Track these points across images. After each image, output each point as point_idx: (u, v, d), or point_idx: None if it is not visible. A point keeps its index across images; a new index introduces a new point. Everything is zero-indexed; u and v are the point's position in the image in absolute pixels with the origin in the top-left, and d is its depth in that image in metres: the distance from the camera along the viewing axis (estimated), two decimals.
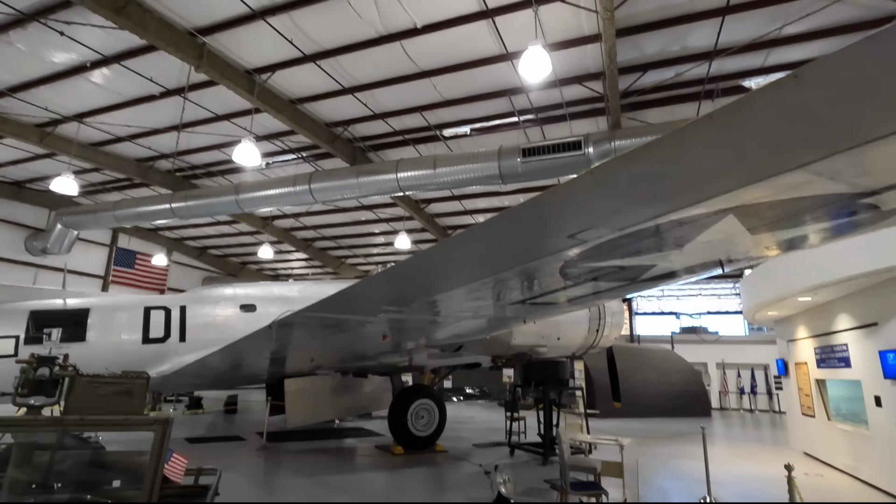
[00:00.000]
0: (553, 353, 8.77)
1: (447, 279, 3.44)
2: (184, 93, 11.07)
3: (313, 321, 4.45)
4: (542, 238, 2.66)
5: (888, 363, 6.74)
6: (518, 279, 3.26)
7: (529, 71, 8.07)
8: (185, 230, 23.00)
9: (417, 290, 3.72)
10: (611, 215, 2.29)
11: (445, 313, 4.38)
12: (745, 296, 11.33)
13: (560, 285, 3.40)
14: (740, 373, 24.11)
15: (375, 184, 12.79)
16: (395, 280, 3.85)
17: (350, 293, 4.25)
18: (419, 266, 3.61)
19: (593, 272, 3.09)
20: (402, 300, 4.01)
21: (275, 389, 11.15)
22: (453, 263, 3.13)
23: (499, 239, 2.75)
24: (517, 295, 3.70)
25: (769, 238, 2.56)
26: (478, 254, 2.93)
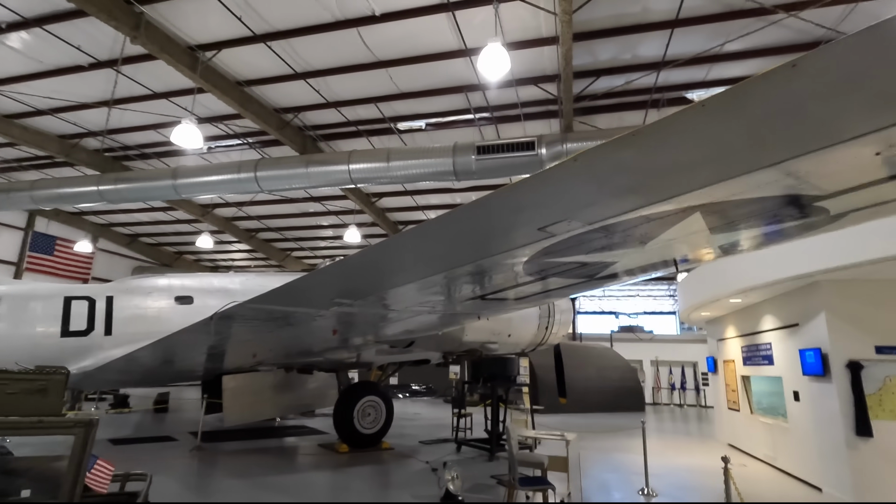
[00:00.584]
0: (503, 350, 8.85)
1: (407, 272, 3.30)
2: (117, 65, 10.19)
3: (259, 314, 4.14)
4: (511, 230, 2.59)
5: (807, 361, 7.31)
6: (480, 273, 3.18)
7: (488, 68, 8.08)
8: (114, 215, 21.33)
9: (374, 282, 3.52)
10: (586, 207, 2.25)
11: (401, 308, 4.23)
12: (682, 297, 11.96)
13: (521, 281, 3.37)
14: (672, 370, 25.57)
15: (326, 174, 12.40)
16: (349, 271, 3.68)
17: (300, 284, 3.97)
18: (377, 257, 3.44)
19: (555, 268, 3.08)
20: (357, 293, 3.80)
21: (211, 387, 10.54)
22: (415, 255, 2.99)
23: (465, 230, 2.65)
24: (476, 290, 3.63)
25: (725, 238, 2.65)
26: (441, 245, 2.81)
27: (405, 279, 3.45)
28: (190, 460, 8.35)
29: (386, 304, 4.05)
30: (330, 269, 3.93)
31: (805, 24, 8.59)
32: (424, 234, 2.79)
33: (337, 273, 3.96)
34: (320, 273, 3.86)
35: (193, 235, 21.60)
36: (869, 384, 6.64)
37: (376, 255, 3.32)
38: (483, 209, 2.46)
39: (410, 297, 3.87)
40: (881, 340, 6.72)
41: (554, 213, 2.34)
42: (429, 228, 2.65)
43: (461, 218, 2.59)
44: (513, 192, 2.31)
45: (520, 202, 2.36)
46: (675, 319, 34.38)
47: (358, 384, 9.76)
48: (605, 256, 2.87)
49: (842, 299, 6.99)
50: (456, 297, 3.84)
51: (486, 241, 2.72)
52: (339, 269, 3.92)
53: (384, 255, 3.37)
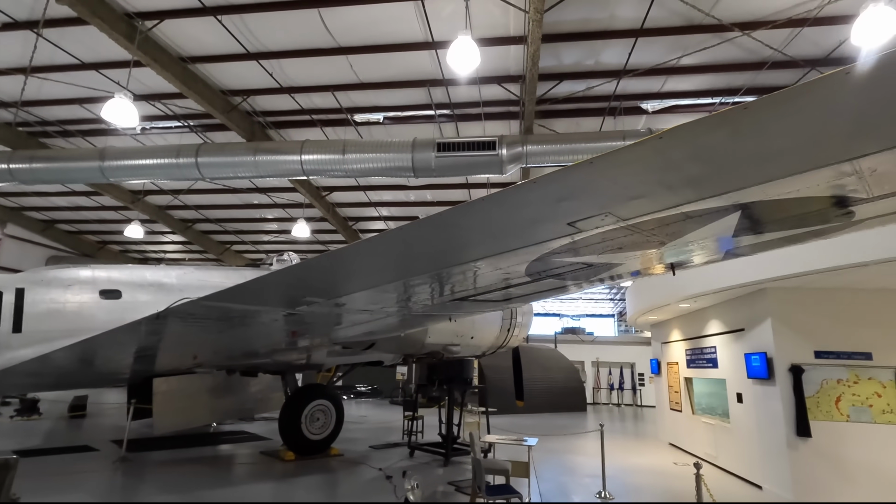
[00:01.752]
0: (465, 352, 8.65)
1: (403, 268, 2.97)
2: (37, 28, 9.01)
3: (214, 312, 3.63)
4: (538, 223, 2.33)
5: (752, 364, 7.65)
6: (481, 272, 2.91)
7: (456, 62, 7.84)
8: (27, 198, 19.12)
9: (359, 280, 3.15)
10: (630, 200, 2.04)
11: (379, 308, 3.86)
12: (631, 301, 12.29)
13: (517, 281, 3.13)
14: (611, 371, 26.55)
15: (276, 164, 11.67)
16: (330, 267, 3.23)
17: (271, 280, 3.41)
18: (369, 252, 3.00)
19: (559, 268, 2.88)
20: (334, 291, 3.41)
21: (140, 390, 9.59)
22: (415, 250, 2.68)
23: (484, 222, 2.37)
24: (470, 290, 3.35)
25: (745, 241, 2.56)
26: (450, 240, 2.53)
27: (398, 276, 3.09)
28: (112, 474, 7.48)
29: (365, 304, 3.67)
30: (309, 264, 3.46)
31: (755, 44, 9.04)
32: (433, 226, 2.47)
33: (316, 269, 3.43)
34: (295, 269, 3.39)
35: (121, 224, 19.82)
36: (808, 387, 7.03)
37: (368, 249, 2.95)
38: (512, 199, 2.17)
39: (394, 297, 3.52)
40: (820, 345, 7.14)
41: (590, 205, 2.11)
42: (439, 221, 2.36)
43: (481, 209, 2.29)
44: (546, 182, 2.05)
45: (553, 193, 2.10)
46: (613, 322, 35.90)
47: (306, 387, 9.20)
48: (616, 257, 2.70)
49: (786, 306, 7.37)
50: (444, 296, 3.54)
51: (506, 235, 2.46)
52: (319, 265, 3.42)
53: (378, 249, 2.97)
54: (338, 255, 2.83)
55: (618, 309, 34.29)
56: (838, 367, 7.04)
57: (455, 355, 8.54)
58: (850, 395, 6.92)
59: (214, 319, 3.85)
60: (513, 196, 2.17)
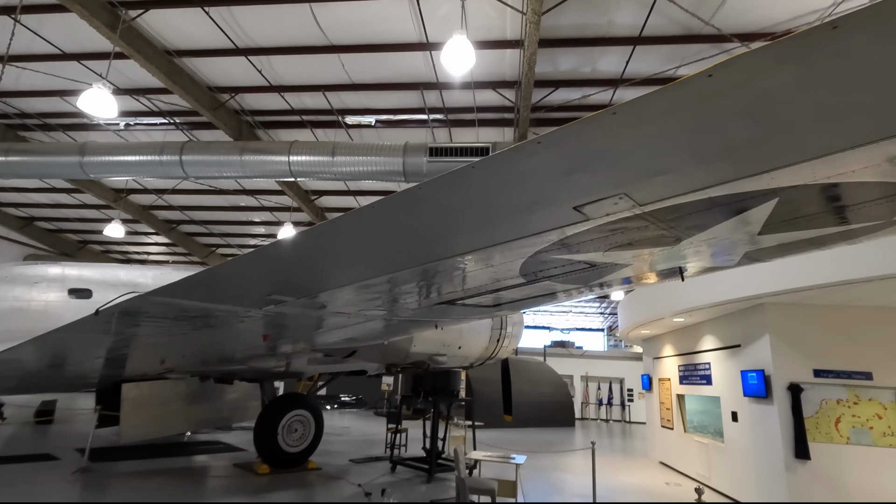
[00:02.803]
0: (452, 363, 8.30)
1: (381, 260, 2.60)
2: (15, 13, 8.64)
3: (167, 311, 3.22)
4: (537, 207, 2.00)
5: (748, 382, 7.38)
6: (471, 270, 2.57)
7: (451, 62, 7.60)
8: (5, 194, 18.51)
9: (331, 273, 2.72)
10: (652, 177, 1.71)
11: (358, 309, 3.49)
12: (623, 315, 12.03)
13: (510, 283, 2.81)
14: (600, 385, 26.25)
15: (263, 164, 11.37)
16: (296, 255, 2.74)
17: (224, 272, 2.92)
18: (340, 235, 2.49)
19: (557, 268, 2.57)
20: (303, 287, 2.97)
21: (108, 396, 9.09)
22: (393, 236, 2.32)
23: (473, 201, 2.01)
24: (458, 290, 3.01)
25: (774, 240, 2.27)
26: (431, 225, 2.16)
27: (375, 271, 2.69)
28: (71, 485, 6.98)
29: (340, 305, 3.29)
30: (268, 250, 2.78)
31: None
32: (409, 205, 2.08)
33: (277, 257, 2.83)
34: (254, 256, 2.81)
35: (102, 223, 19.22)
36: (807, 407, 6.77)
37: (339, 230, 2.48)
38: (508, 167, 1.79)
39: (372, 298, 3.14)
40: (819, 364, 6.90)
41: (604, 181, 1.76)
42: (417, 196, 1.99)
43: (467, 182, 1.91)
44: (563, 140, 1.67)
45: (567, 159, 1.72)
46: (603, 336, 35.67)
47: (285, 396, 8.77)
48: (623, 256, 2.40)
49: (785, 322, 7.14)
50: (429, 298, 3.19)
51: (498, 222, 2.11)
52: (281, 252, 2.76)
53: (351, 231, 2.47)
54: (301, 240, 2.45)
55: (608, 323, 34.09)
56: (838, 387, 6.80)
57: (441, 366, 8.19)
58: (849, 417, 6.68)
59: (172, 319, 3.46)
60: (509, 162, 1.83)
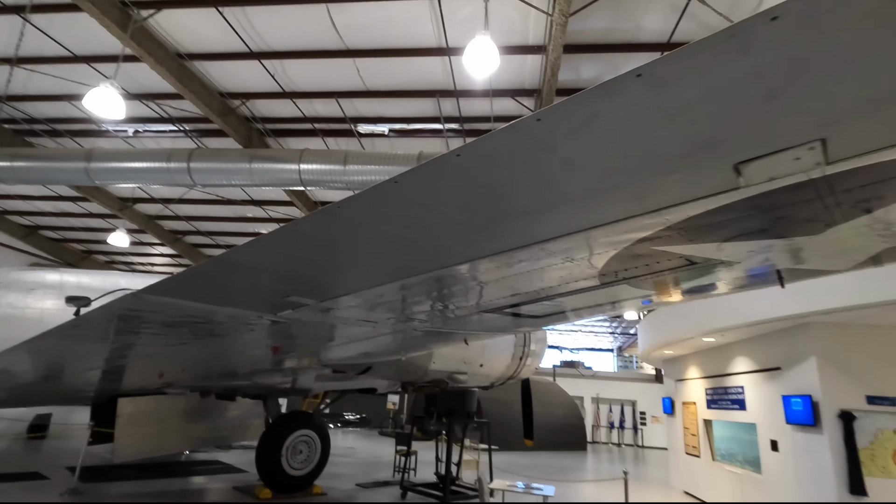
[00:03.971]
0: (472, 382, 7.78)
1: (441, 246, 2.07)
2: (24, 12, 8.43)
3: (163, 314, 2.75)
4: (674, 163, 1.44)
5: (792, 409, 6.81)
6: (549, 263, 2.09)
7: (474, 65, 7.27)
8: (10, 201, 18.29)
9: (371, 264, 2.15)
10: (867, 112, 1.22)
11: (394, 315, 2.97)
12: (645, 334, 11.47)
13: (587, 284, 2.34)
14: (612, 408, 25.41)
15: (272, 172, 11.05)
16: (328, 239, 2.03)
17: (236, 260, 2.15)
18: (393, 204, 1.88)
19: (654, 263, 2.10)
20: (331, 285, 2.34)
21: (103, 410, 8.61)
22: (471, 208, 1.83)
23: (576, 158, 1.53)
24: (521, 293, 2.51)
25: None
26: (521, 193, 1.70)
27: (429, 264, 2.06)
28: None
29: (370, 310, 2.79)
30: (293, 230, 2.02)
31: None
32: (499, 157, 1.55)
33: (305, 240, 2.06)
34: (274, 239, 2.08)
35: (107, 233, 18.94)
36: (860, 437, 6.19)
37: (390, 201, 1.85)
38: (627, 98, 1.29)
39: (417, 299, 2.61)
40: (873, 390, 6.34)
41: (804, 120, 1.18)
42: (507, 150, 1.48)
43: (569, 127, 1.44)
44: (748, 42, 1.07)
45: (749, 81, 1.15)
46: (613, 357, 34.85)
47: (290, 415, 8.25)
48: (739, 248, 1.95)
49: (833, 344, 6.60)
50: (485, 302, 2.69)
51: (602, 194, 1.52)
52: (309, 232, 1.99)
53: (405, 205, 1.85)
54: (337, 215, 1.88)
55: (618, 343, 33.33)
56: (894, 416, 6.23)
57: (461, 385, 7.67)
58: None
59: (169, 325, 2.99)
60: (630, 90, 1.23)
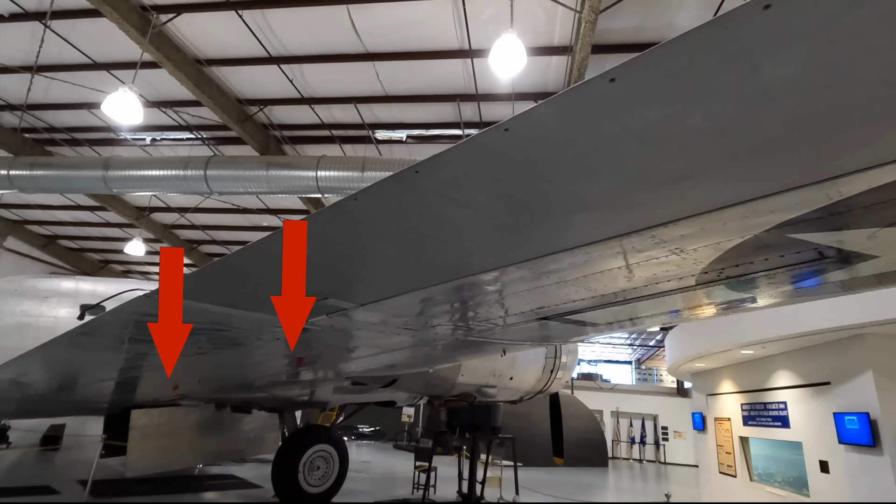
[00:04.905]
0: (501, 396, 7.40)
1: (508, 240, 1.62)
2: (45, 19, 8.40)
3: (188, 318, 2.42)
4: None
5: (846, 427, 6.32)
6: (635, 260, 1.72)
7: (500, 64, 7.01)
8: (30, 211, 18.45)
9: (429, 258, 1.81)
10: None
11: (440, 321, 2.65)
12: (674, 346, 10.98)
13: (679, 285, 2.00)
14: (632, 422, 24.65)
15: (289, 180, 10.87)
16: (382, 225, 1.74)
17: (265, 251, 1.77)
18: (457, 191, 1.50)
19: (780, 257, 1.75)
20: (377, 286, 2.03)
21: (117, 422, 8.38)
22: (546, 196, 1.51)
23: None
24: (590, 296, 2.14)
25: None
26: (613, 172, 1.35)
27: (492, 260, 1.74)
28: None
29: (415, 316, 2.45)
30: (343, 209, 1.68)
31: None
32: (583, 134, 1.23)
33: (356, 226, 1.77)
34: (316, 222, 1.78)
35: (124, 242, 18.98)
36: None
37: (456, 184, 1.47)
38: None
39: (472, 303, 2.26)
40: None
41: None
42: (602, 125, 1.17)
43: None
44: None
45: None
46: (631, 369, 34.03)
47: (307, 429, 7.93)
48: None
49: (892, 356, 6.12)
50: (548, 305, 2.36)
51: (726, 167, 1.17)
52: (368, 211, 1.65)
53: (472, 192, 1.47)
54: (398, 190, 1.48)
55: (636, 355, 32.55)
56: None
57: (490, 399, 7.29)
58: None
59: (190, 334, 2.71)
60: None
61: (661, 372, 30.89)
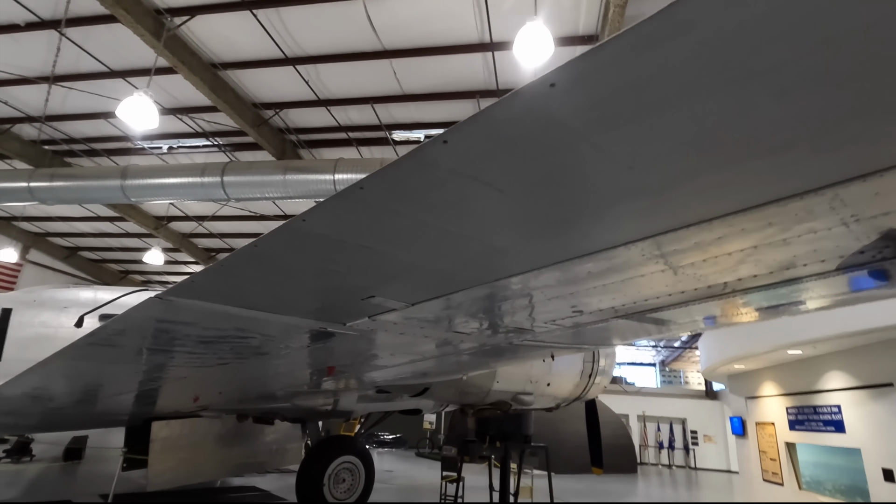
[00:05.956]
0: (538, 404, 7.03)
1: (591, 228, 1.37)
2: (60, 26, 8.32)
3: (197, 324, 2.02)
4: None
5: None
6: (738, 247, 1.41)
7: (524, 54, 6.68)
8: (51, 223, 18.62)
9: (501, 246, 1.48)
10: None
11: (498, 323, 2.31)
12: (711, 348, 10.46)
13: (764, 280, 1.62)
14: (660, 426, 23.93)
15: (307, 184, 10.66)
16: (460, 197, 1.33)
17: (304, 231, 1.51)
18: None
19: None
20: (433, 280, 1.67)
21: (138, 434, 8.20)
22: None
23: None
24: (677, 291, 1.78)
25: None
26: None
27: (573, 248, 1.44)
28: None
29: (470, 316, 2.14)
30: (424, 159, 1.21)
31: None
32: None
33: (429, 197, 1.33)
34: (373, 190, 1.27)
35: (143, 252, 19.05)
36: None
37: None
38: None
39: (542, 300, 1.94)
40: None
41: None
42: None
43: None
44: None
45: None
46: (656, 371, 33.17)
47: (331, 440, 7.65)
48: None
49: None
50: (625, 305, 2.01)
51: None
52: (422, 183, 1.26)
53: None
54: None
55: (660, 357, 31.72)
56: None
57: (526, 407, 6.93)
58: None
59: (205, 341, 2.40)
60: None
61: (687, 374, 30.03)
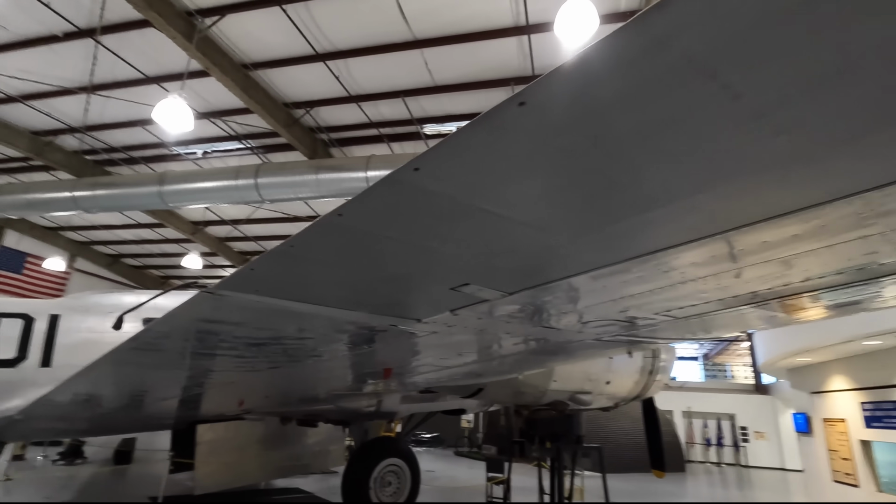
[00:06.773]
0: (596, 403, 6.67)
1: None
2: (96, 34, 8.40)
3: (250, 325, 1.85)
4: None
5: None
6: None
7: (567, 31, 6.29)
8: (95, 232, 19.22)
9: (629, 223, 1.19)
10: None
11: (606, 314, 2.00)
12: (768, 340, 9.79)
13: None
14: (706, 423, 22.96)
15: (339, 182, 10.54)
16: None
17: (370, 208, 1.16)
18: None
19: None
20: (543, 265, 1.39)
21: (184, 438, 8.23)
22: None
23: None
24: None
25: None
26: None
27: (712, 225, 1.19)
28: None
29: (574, 308, 1.84)
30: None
31: None
32: None
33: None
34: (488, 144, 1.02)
35: (181, 257, 19.46)
36: None
37: None
38: None
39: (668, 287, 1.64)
40: None
41: None
42: None
43: None
44: None
45: None
46: (699, 365, 31.97)
47: (377, 441, 7.45)
48: None
49: None
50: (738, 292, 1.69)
51: None
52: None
53: None
54: None
55: (703, 350, 30.54)
56: None
57: (584, 407, 6.57)
58: None
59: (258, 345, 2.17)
60: None
61: (733, 367, 28.80)
